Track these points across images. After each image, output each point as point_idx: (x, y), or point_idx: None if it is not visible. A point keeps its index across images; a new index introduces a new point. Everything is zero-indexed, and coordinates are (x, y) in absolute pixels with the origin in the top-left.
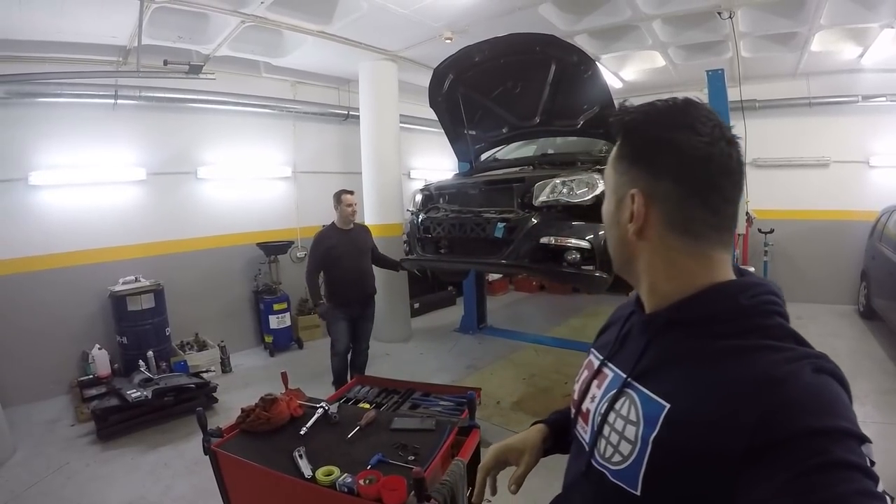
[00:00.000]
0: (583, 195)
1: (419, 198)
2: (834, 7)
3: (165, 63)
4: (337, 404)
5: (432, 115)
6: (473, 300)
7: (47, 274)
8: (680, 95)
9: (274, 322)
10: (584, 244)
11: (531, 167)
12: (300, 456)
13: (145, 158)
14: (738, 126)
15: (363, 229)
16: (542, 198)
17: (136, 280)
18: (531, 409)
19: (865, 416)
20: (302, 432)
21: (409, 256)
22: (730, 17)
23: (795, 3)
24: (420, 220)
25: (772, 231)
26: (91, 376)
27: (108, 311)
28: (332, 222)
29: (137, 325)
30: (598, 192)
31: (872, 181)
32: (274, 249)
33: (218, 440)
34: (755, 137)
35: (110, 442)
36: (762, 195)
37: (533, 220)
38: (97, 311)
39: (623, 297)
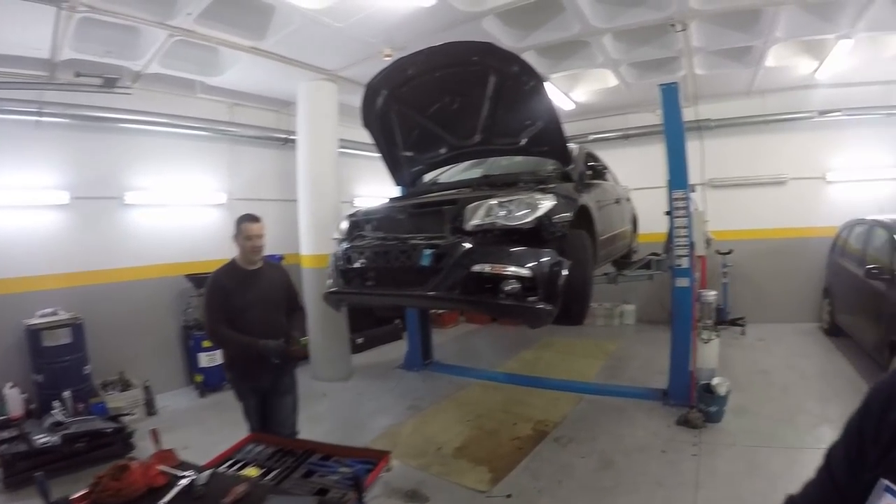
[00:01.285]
0: (522, 217)
1: (345, 225)
2: (790, 19)
3: (77, 75)
4: (209, 473)
5: None
6: (417, 335)
7: None
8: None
9: (204, 360)
10: (524, 272)
11: (469, 189)
12: None
13: (69, 181)
14: (691, 146)
15: (275, 269)
16: (476, 221)
17: (54, 313)
18: (475, 456)
19: None
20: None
21: (331, 290)
22: (683, 30)
23: (751, 14)
24: (343, 249)
25: (730, 252)
26: (3, 417)
27: (24, 346)
28: (233, 259)
29: (54, 362)
30: (539, 213)
31: (830, 197)
32: (203, 282)
33: None
34: (710, 157)
35: (18, 491)
36: (720, 216)
37: (464, 245)
38: (12, 345)
39: (573, 329)
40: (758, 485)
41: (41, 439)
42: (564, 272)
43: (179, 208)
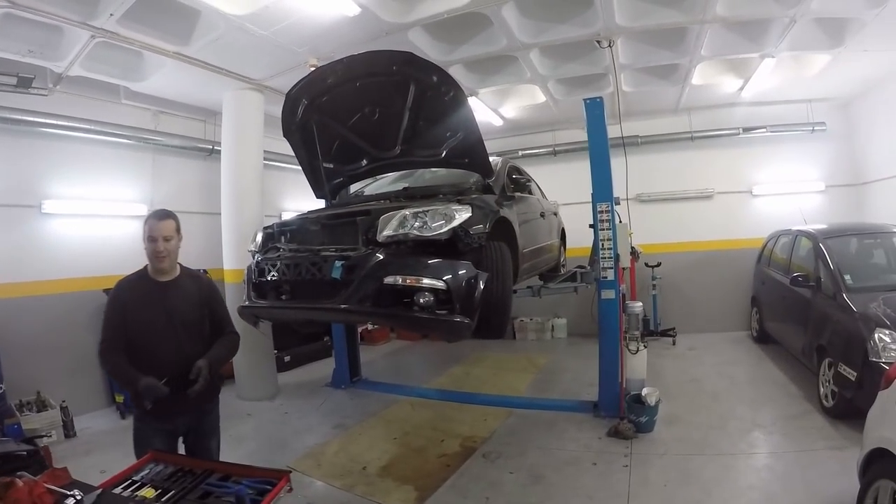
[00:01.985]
0: (437, 228)
1: (259, 237)
2: (715, 37)
3: None
4: (96, 493)
5: None
6: (344, 351)
7: None
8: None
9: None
10: (438, 284)
11: (387, 201)
12: None
13: None
14: (619, 162)
15: (195, 281)
16: (388, 232)
17: None
18: (401, 475)
19: (775, 446)
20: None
21: (244, 304)
22: (609, 46)
23: (677, 33)
24: (256, 261)
25: (659, 265)
26: None
27: None
28: (144, 268)
29: None
30: (455, 224)
31: (756, 209)
32: None
33: None
34: (639, 173)
35: None
36: (648, 230)
37: (376, 257)
38: None
39: (504, 344)
40: (691, 493)
41: None
42: (481, 284)
43: (100, 219)
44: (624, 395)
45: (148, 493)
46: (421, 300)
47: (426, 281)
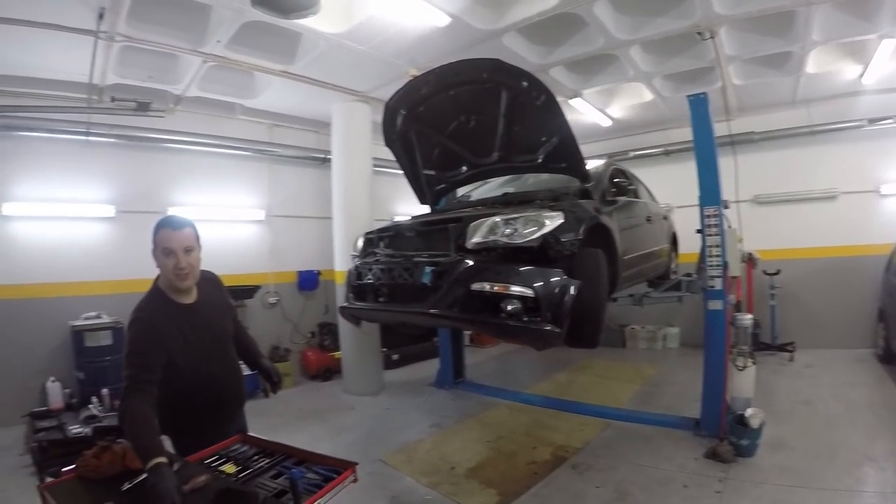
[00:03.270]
0: (528, 235)
1: (360, 242)
2: (825, 20)
3: (112, 100)
4: (180, 462)
5: None
6: (449, 352)
7: (12, 304)
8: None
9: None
10: (526, 292)
11: (483, 207)
12: None
13: (115, 196)
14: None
15: (211, 285)
16: (477, 238)
17: (98, 316)
18: (487, 478)
19: (885, 485)
20: (125, 487)
21: (342, 304)
22: (711, 37)
23: (782, 17)
24: (356, 265)
25: (778, 272)
26: (44, 408)
27: (69, 345)
28: (156, 287)
29: (95, 361)
30: (545, 231)
31: (885, 211)
32: (241, 294)
33: (48, 482)
34: (755, 172)
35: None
36: (766, 234)
37: (464, 263)
38: (60, 344)
39: (613, 352)
40: None
41: (75, 430)
42: (572, 293)
43: (220, 223)
44: (726, 415)
45: (229, 468)
46: (508, 307)
47: (514, 288)
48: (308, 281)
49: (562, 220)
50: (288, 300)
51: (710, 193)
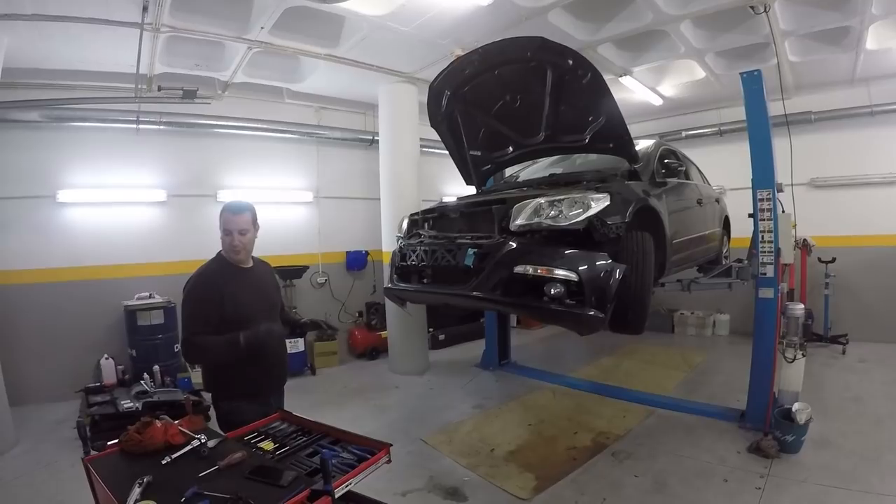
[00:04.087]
0: (573, 218)
1: (405, 223)
2: None
3: (160, 88)
4: (218, 439)
5: None
6: (495, 334)
7: (69, 285)
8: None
9: (287, 346)
10: (569, 275)
11: (528, 188)
12: (140, 484)
13: (166, 181)
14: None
15: (265, 267)
16: (521, 220)
17: (150, 296)
18: (526, 462)
19: None
20: (164, 461)
21: (386, 286)
22: (765, 11)
23: None
24: (399, 246)
25: (833, 260)
26: (98, 384)
27: (122, 324)
28: (219, 254)
29: (147, 339)
30: (591, 213)
31: None
32: (289, 273)
33: (93, 454)
34: (812, 154)
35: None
36: (822, 219)
37: (507, 245)
38: (114, 323)
39: (661, 337)
40: None
41: (126, 405)
42: (617, 277)
43: (268, 205)
44: (772, 409)
45: (267, 445)
46: (552, 291)
47: (557, 271)
48: (356, 261)
49: (608, 203)
50: (336, 280)
51: (763, 176)
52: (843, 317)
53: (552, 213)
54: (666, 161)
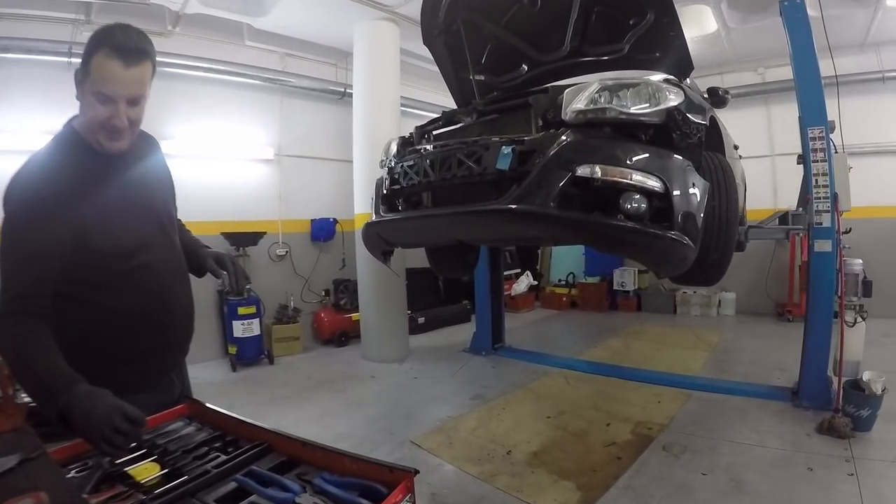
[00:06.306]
0: (649, 107)
1: (394, 146)
2: None
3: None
4: (19, 457)
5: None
6: (488, 313)
7: None
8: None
9: (239, 329)
10: (654, 184)
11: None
12: None
13: None
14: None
15: (148, 148)
16: (579, 105)
17: None
18: (558, 466)
19: None
20: None
21: (370, 221)
22: None
23: None
24: (388, 169)
25: (849, 231)
26: None
27: None
28: (70, 127)
29: None
30: (671, 104)
31: None
32: (243, 240)
33: None
34: None
35: None
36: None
37: (564, 138)
38: None
39: (663, 317)
40: None
41: None
42: (705, 197)
43: (222, 162)
44: (840, 381)
45: (145, 470)
46: (627, 205)
47: (636, 177)
48: (323, 230)
49: (684, 97)
50: (299, 252)
51: (813, 111)
52: None
53: (616, 102)
54: (705, 96)
